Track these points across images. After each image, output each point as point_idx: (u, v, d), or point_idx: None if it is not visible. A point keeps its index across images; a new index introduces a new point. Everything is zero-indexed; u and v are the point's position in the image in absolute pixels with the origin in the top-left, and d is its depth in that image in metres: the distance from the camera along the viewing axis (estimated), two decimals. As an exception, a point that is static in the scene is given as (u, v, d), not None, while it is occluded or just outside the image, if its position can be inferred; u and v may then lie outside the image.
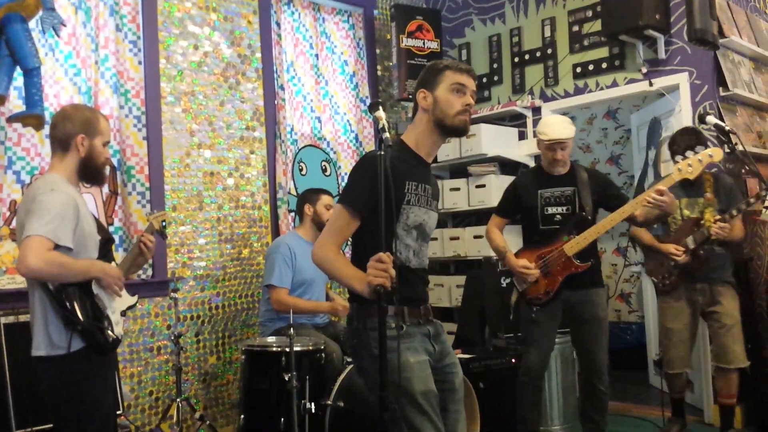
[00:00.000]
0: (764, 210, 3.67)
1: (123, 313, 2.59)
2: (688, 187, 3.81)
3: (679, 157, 3.31)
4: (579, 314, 3.52)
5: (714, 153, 3.21)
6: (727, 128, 3.17)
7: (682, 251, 3.72)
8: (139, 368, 3.99)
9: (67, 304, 2.32)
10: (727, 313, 3.74)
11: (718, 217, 3.66)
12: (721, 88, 4.37)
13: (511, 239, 3.84)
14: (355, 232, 2.22)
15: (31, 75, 3.32)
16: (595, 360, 3.50)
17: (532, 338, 3.56)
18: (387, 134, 1.97)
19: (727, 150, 3.41)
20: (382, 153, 1.96)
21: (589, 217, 3.50)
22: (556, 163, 3.56)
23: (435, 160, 5.35)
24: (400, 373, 2.09)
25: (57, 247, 2.27)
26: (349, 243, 2.31)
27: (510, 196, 3.72)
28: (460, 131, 2.30)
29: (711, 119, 3.21)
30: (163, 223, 2.96)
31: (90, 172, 2.51)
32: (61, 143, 2.45)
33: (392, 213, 2.07)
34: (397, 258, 2.15)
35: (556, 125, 3.55)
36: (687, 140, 3.65)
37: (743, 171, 4.23)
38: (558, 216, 3.54)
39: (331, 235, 2.20)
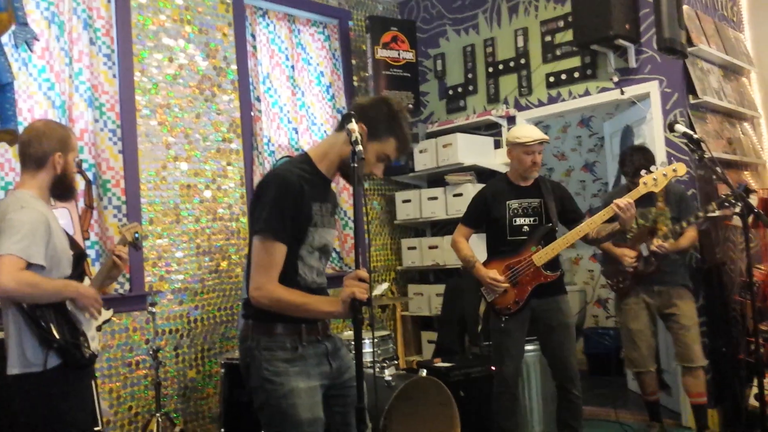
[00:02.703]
0: (734, 215, 3.74)
1: (99, 328, 2.57)
2: (640, 198, 3.89)
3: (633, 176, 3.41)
4: (547, 322, 3.57)
5: (678, 168, 3.31)
6: (695, 137, 3.23)
7: (635, 256, 3.85)
8: (117, 383, 3.96)
9: (42, 322, 2.30)
10: (684, 314, 3.87)
11: (665, 230, 3.77)
12: (690, 96, 4.45)
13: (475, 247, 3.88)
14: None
15: (4, 90, 3.31)
16: (566, 365, 3.55)
17: (505, 348, 3.60)
18: (360, 146, 1.96)
19: (697, 157, 3.48)
20: (355, 165, 1.95)
21: (556, 228, 3.58)
22: (534, 167, 3.60)
23: (412, 170, 5.44)
24: (286, 400, 2.06)
25: (29, 265, 2.25)
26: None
27: (479, 207, 3.76)
28: (348, 180, 2.20)
29: (680, 128, 3.27)
30: (136, 235, 2.92)
31: (63, 189, 2.50)
32: (36, 160, 2.43)
33: (303, 234, 2.11)
34: (303, 280, 2.15)
35: (533, 128, 3.65)
36: (637, 161, 3.82)
37: (713, 177, 4.31)
38: (526, 227, 3.60)
39: (264, 272, 2.07)
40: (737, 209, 3.22)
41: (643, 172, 3.41)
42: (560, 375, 3.58)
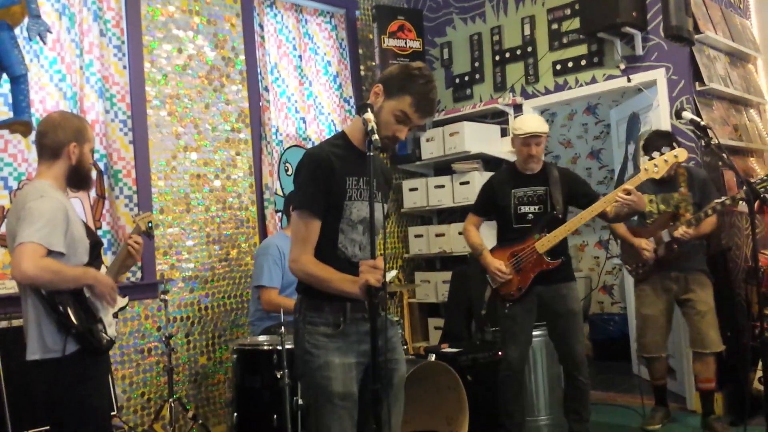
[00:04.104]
0: (740, 201, 3.76)
1: (115, 315, 2.63)
2: (662, 183, 3.92)
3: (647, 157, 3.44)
4: (554, 309, 3.62)
5: (679, 153, 3.36)
6: (702, 123, 3.26)
7: (653, 248, 3.86)
8: (130, 370, 4.02)
9: (60, 308, 2.35)
10: (701, 300, 3.89)
11: (689, 217, 3.78)
12: (697, 83, 4.47)
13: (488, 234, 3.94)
14: None
15: (18, 82, 3.35)
16: (572, 352, 3.60)
17: (511, 333, 3.66)
18: (375, 136, 2.00)
19: (703, 144, 3.51)
20: (371, 154, 2.00)
21: (560, 216, 3.61)
22: (530, 159, 3.66)
23: (419, 158, 5.47)
24: (321, 372, 2.16)
25: (49, 252, 2.30)
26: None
27: (486, 195, 3.82)
28: (378, 149, 2.15)
29: (687, 115, 3.30)
30: (150, 224, 2.98)
31: (79, 179, 2.55)
32: (51, 151, 2.48)
33: (339, 209, 2.17)
34: (342, 253, 2.22)
35: (531, 121, 3.68)
36: (661, 145, 3.81)
37: (719, 164, 4.33)
38: (530, 215, 3.64)
39: (302, 246, 2.19)
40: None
41: (644, 158, 3.46)
42: (567, 361, 3.64)
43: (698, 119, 3.33)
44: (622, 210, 3.43)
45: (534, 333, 3.91)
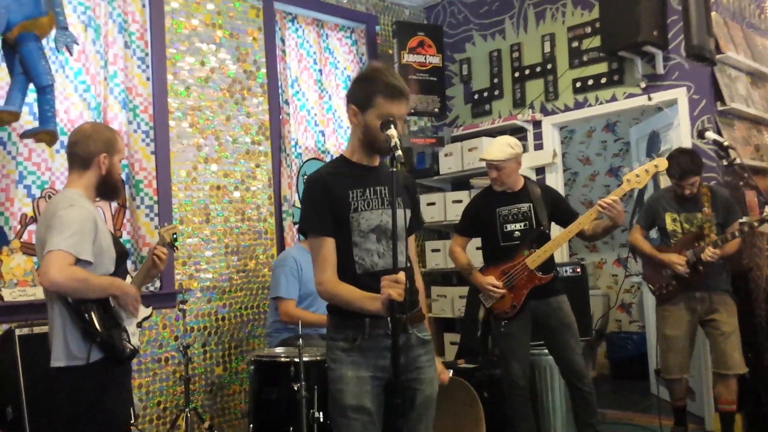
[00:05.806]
0: (763, 222, 3.73)
1: (139, 325, 2.65)
2: (685, 202, 3.90)
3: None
4: (547, 323, 3.64)
5: (659, 163, 3.39)
6: (725, 143, 3.25)
7: (684, 261, 3.81)
8: (147, 379, 4.04)
9: (86, 315, 2.37)
10: (725, 321, 3.83)
11: (714, 238, 3.73)
12: (718, 103, 4.45)
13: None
14: None
15: (45, 92, 3.39)
16: (571, 363, 3.60)
17: (510, 351, 3.66)
18: (399, 152, 2.02)
19: (725, 164, 3.50)
20: (395, 170, 2.01)
21: (547, 231, 3.65)
22: (493, 181, 3.73)
23: (437, 173, 5.47)
24: (335, 384, 2.21)
25: (77, 261, 2.33)
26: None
27: (470, 216, 3.85)
28: (388, 153, 2.14)
29: (710, 135, 3.30)
30: (174, 236, 3.02)
31: (108, 189, 2.59)
32: (82, 161, 2.51)
33: (345, 225, 2.21)
34: (360, 266, 2.23)
35: (491, 146, 3.71)
36: (684, 163, 3.77)
37: (741, 183, 4.30)
38: (517, 232, 3.67)
39: (321, 267, 2.23)
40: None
41: (626, 169, 3.45)
42: (567, 373, 3.64)
43: (721, 139, 3.32)
44: (599, 226, 3.48)
45: (546, 351, 3.90)
